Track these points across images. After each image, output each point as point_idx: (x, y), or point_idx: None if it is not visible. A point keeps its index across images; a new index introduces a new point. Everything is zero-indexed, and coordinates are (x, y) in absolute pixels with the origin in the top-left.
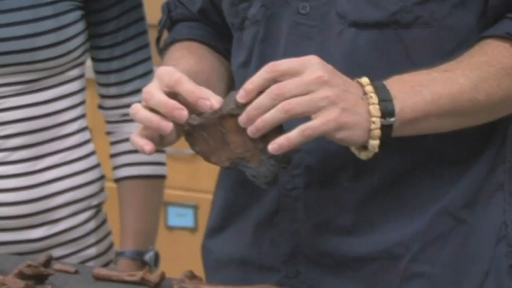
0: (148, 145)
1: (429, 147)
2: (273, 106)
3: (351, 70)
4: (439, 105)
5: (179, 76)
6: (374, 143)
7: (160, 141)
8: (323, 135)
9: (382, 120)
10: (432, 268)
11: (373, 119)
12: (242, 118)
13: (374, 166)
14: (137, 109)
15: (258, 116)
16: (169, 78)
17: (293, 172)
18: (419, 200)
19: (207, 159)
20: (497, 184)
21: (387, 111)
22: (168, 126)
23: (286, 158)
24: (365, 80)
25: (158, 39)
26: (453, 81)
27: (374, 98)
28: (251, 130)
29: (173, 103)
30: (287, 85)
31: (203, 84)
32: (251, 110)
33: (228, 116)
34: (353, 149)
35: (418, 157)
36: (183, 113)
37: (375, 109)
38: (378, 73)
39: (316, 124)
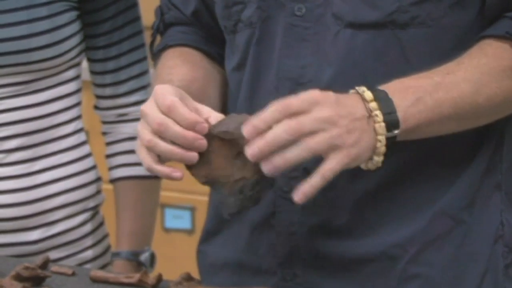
0: (176, 172)
1: (425, 148)
2: (289, 142)
3: (347, 71)
4: (440, 111)
5: (171, 101)
6: (378, 159)
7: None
8: None
9: (388, 133)
10: (430, 270)
11: (379, 137)
12: (253, 152)
13: None
14: (155, 143)
15: (271, 151)
16: (162, 103)
17: (291, 175)
18: (416, 201)
19: (187, 168)
20: (494, 184)
21: (391, 124)
22: (194, 157)
23: (253, 198)
24: (368, 95)
25: (151, 43)
26: (454, 86)
27: (380, 116)
28: (268, 168)
29: (192, 135)
30: (304, 123)
31: (197, 92)
32: (265, 146)
33: (217, 137)
34: None
35: (414, 158)
36: (203, 142)
37: (381, 128)
38: (375, 74)
39: (333, 165)
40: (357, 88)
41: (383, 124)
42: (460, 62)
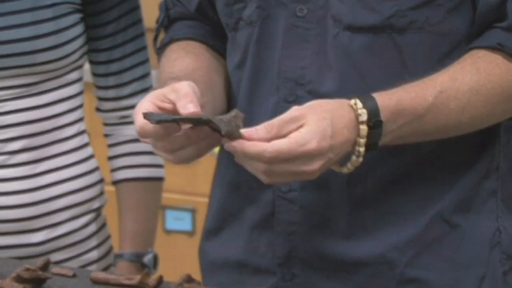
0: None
1: (423, 153)
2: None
3: (347, 72)
4: (422, 132)
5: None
6: (350, 167)
7: None
8: None
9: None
10: (428, 273)
11: (354, 157)
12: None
13: (369, 170)
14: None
15: None
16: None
17: None
18: (413, 205)
19: None
20: (490, 190)
21: (370, 148)
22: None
23: None
24: (363, 118)
25: (155, 38)
26: (444, 107)
27: (364, 140)
28: None
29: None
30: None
31: (201, 79)
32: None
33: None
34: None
35: (412, 162)
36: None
37: (360, 152)
38: (373, 76)
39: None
40: (356, 105)
41: (363, 149)
42: (455, 78)
